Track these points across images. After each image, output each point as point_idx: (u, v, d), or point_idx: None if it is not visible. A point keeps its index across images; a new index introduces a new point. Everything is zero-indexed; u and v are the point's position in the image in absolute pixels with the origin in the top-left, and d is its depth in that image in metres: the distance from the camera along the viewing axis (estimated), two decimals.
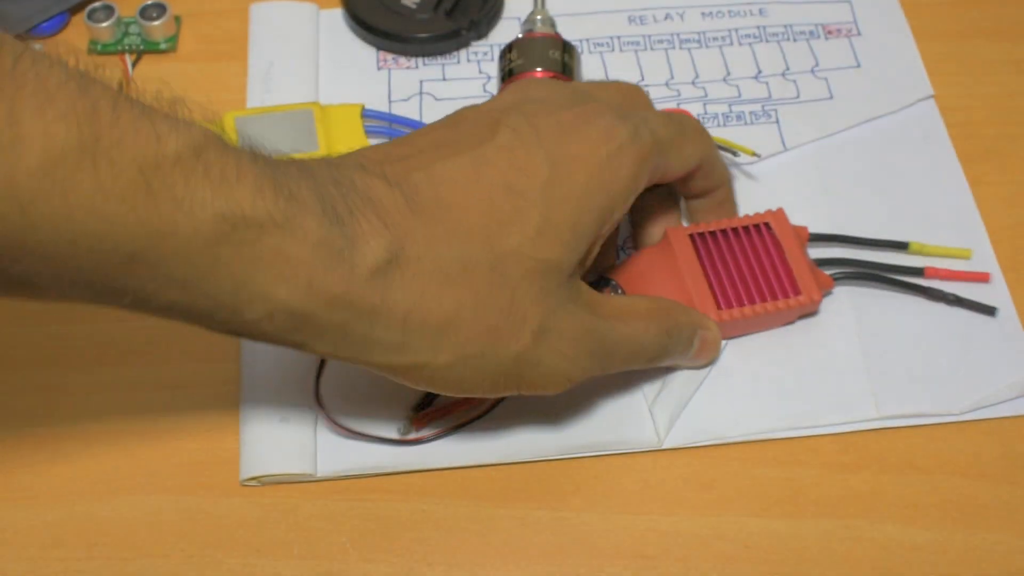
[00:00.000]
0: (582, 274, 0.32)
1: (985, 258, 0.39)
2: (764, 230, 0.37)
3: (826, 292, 0.37)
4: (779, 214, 0.37)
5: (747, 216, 0.37)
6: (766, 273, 0.36)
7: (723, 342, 0.36)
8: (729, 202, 0.38)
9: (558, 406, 0.35)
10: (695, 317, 0.35)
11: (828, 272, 0.37)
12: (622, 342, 0.32)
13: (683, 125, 0.35)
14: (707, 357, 0.36)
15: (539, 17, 0.43)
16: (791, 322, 0.37)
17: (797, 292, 0.36)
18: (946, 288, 0.37)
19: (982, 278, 0.38)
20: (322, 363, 0.35)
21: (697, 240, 0.36)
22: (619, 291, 0.36)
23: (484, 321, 0.29)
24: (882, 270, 0.38)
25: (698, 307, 0.35)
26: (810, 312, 0.36)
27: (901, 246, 0.38)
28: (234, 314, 0.26)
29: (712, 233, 0.36)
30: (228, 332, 0.27)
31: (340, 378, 0.36)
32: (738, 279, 0.36)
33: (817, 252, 0.38)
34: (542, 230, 0.30)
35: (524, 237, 0.29)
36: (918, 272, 0.37)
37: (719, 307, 0.35)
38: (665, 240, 0.36)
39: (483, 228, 0.29)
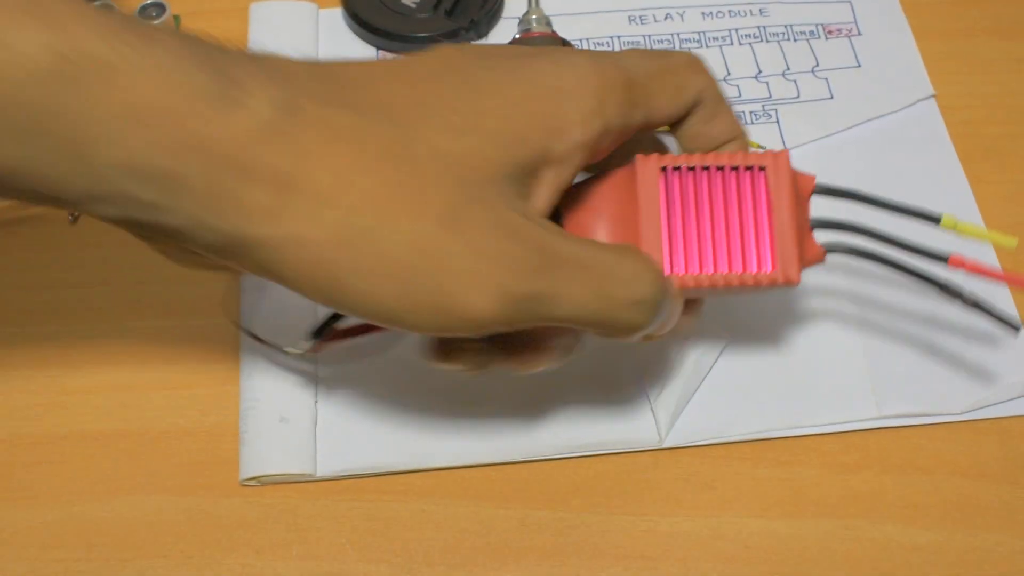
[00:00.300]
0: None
1: (985, 258, 0.39)
2: (756, 175, 0.30)
3: (813, 265, 0.31)
4: (781, 157, 0.30)
5: (742, 153, 0.30)
6: (740, 233, 0.30)
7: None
8: (727, 115, 0.32)
9: (558, 405, 0.35)
10: (670, 284, 0.29)
11: (827, 238, 0.31)
12: (576, 262, 0.27)
13: (669, 58, 0.30)
14: (664, 331, 0.30)
15: (534, 17, 0.43)
16: (764, 293, 0.31)
17: (770, 265, 0.29)
18: (968, 285, 0.32)
19: (1020, 282, 0.32)
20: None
21: (669, 175, 0.30)
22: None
23: (378, 190, 0.25)
24: (891, 246, 0.31)
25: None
26: (788, 286, 0.30)
27: (931, 218, 0.31)
28: (84, 170, 0.23)
29: (691, 168, 0.30)
30: (79, 200, 0.24)
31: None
32: (702, 234, 0.30)
33: (824, 210, 0.32)
34: (466, 130, 0.26)
35: (445, 127, 0.26)
36: (940, 258, 0.31)
37: (670, 267, 0.29)
38: (631, 167, 0.30)
39: (397, 107, 0.26)
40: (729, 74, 0.44)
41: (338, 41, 0.45)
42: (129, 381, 0.36)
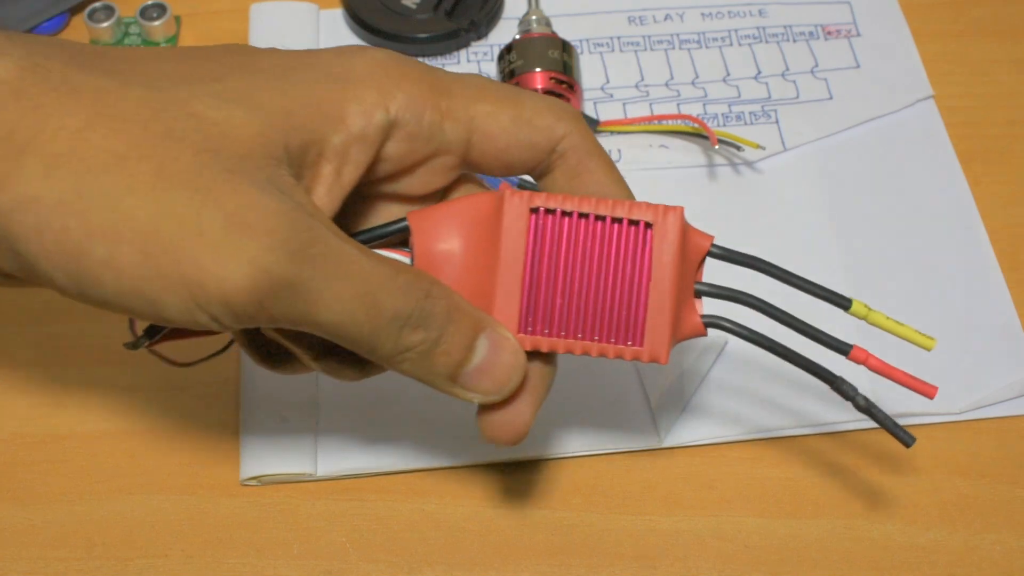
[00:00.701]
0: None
1: (985, 258, 0.39)
2: (641, 232, 0.26)
3: (689, 339, 0.27)
4: (673, 213, 0.26)
5: (629, 203, 0.26)
6: (611, 298, 0.26)
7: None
8: (600, 171, 0.28)
9: (558, 406, 0.35)
10: (481, 321, 0.26)
11: (715, 309, 0.27)
12: (345, 259, 0.24)
13: (524, 94, 0.28)
14: (488, 385, 0.26)
15: (534, 17, 0.43)
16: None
17: (638, 341, 0.26)
18: (868, 385, 0.28)
19: (926, 392, 0.27)
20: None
21: (540, 218, 0.26)
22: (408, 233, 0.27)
23: (121, 151, 0.23)
24: (786, 324, 0.27)
25: (496, 313, 0.26)
26: (655, 362, 0.27)
27: (841, 302, 0.27)
28: None
29: (566, 213, 0.26)
30: None
31: None
32: (567, 294, 0.26)
33: (721, 275, 0.28)
34: (232, 100, 0.24)
35: (209, 95, 0.24)
36: (842, 349, 0.27)
37: (521, 327, 0.26)
38: (497, 198, 0.26)
39: (158, 76, 0.24)
40: (729, 74, 0.44)
41: (338, 42, 0.45)
42: (129, 381, 0.36)
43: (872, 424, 0.35)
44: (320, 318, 0.24)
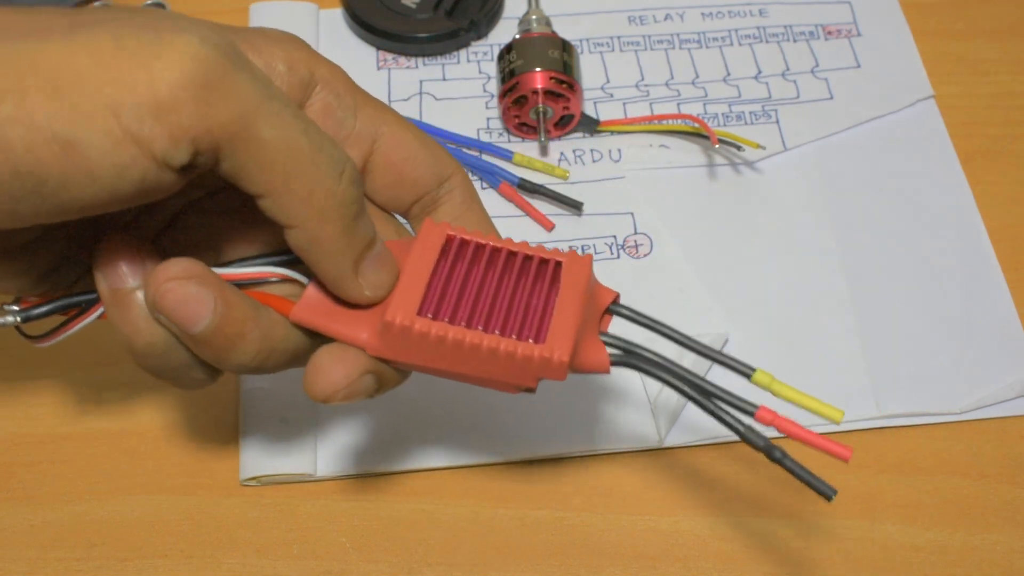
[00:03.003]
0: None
1: (985, 258, 0.39)
2: (552, 268, 0.27)
3: (593, 372, 0.26)
4: (583, 261, 0.26)
5: (542, 247, 0.27)
6: (513, 308, 0.26)
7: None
8: (483, 216, 0.29)
9: (558, 406, 0.35)
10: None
11: (620, 353, 0.26)
12: (285, 101, 0.23)
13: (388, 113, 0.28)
14: (383, 277, 0.26)
15: (534, 17, 0.43)
16: (523, 391, 0.26)
17: (538, 338, 0.25)
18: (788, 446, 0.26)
19: (841, 454, 0.25)
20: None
21: (454, 244, 0.26)
22: None
23: (27, 20, 0.22)
24: (690, 383, 0.26)
25: (394, 300, 0.25)
26: (553, 378, 0.25)
27: (743, 371, 0.26)
28: None
29: (480, 246, 0.26)
30: None
31: None
32: (471, 298, 0.26)
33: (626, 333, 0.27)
34: (137, 25, 0.22)
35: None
36: (747, 409, 0.26)
37: (421, 310, 0.25)
38: (419, 230, 0.27)
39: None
40: (729, 74, 0.44)
41: (338, 41, 0.45)
42: (129, 381, 0.36)
43: (873, 424, 0.36)
44: (262, 132, 0.22)
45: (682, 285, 0.38)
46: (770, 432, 0.26)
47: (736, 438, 0.35)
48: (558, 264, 0.26)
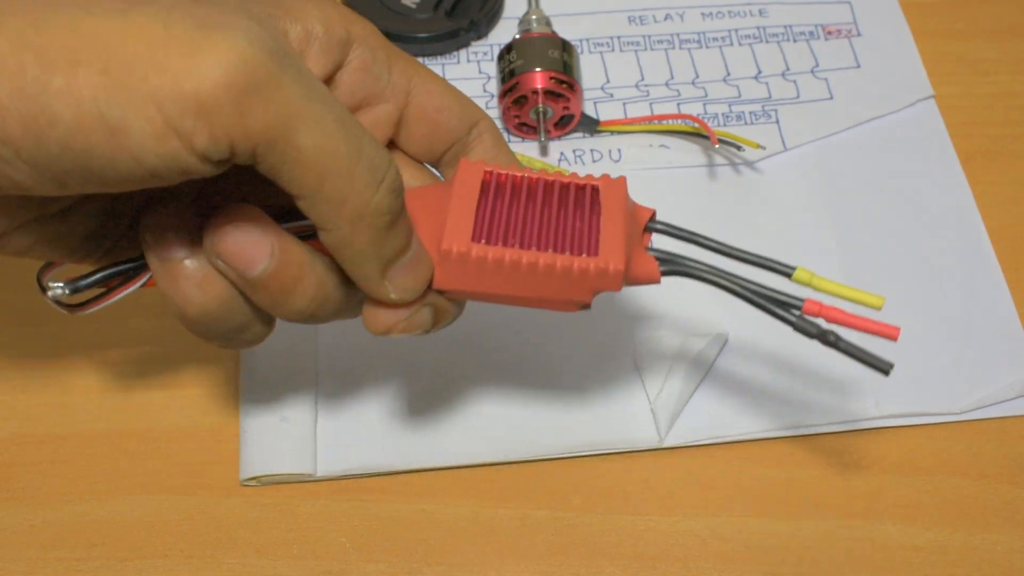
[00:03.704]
0: None
1: (985, 258, 0.39)
2: (590, 192, 0.28)
3: (645, 283, 0.27)
4: (618, 183, 0.28)
5: (575, 174, 0.28)
6: (561, 228, 0.27)
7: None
8: (513, 159, 0.30)
9: (558, 405, 0.35)
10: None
11: (667, 256, 0.28)
12: (327, 101, 0.23)
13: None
14: (412, 282, 0.26)
15: (534, 17, 0.43)
16: (580, 307, 0.27)
17: (591, 251, 0.26)
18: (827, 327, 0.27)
19: (889, 334, 0.27)
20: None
21: (493, 179, 0.27)
22: None
23: None
24: (741, 284, 0.27)
25: (447, 232, 0.26)
26: (610, 289, 0.26)
27: (782, 272, 0.27)
28: None
29: (518, 179, 0.27)
30: None
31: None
32: (519, 223, 0.27)
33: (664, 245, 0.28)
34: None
35: None
36: (795, 304, 0.27)
37: (474, 236, 0.26)
38: (456, 171, 0.28)
39: None
40: (729, 74, 0.44)
41: None
42: (129, 381, 0.36)
43: (873, 424, 0.36)
44: (300, 138, 0.22)
45: (681, 283, 0.38)
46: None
47: (736, 438, 0.35)
48: (595, 189, 0.27)
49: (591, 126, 0.42)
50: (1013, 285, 0.38)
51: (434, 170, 0.31)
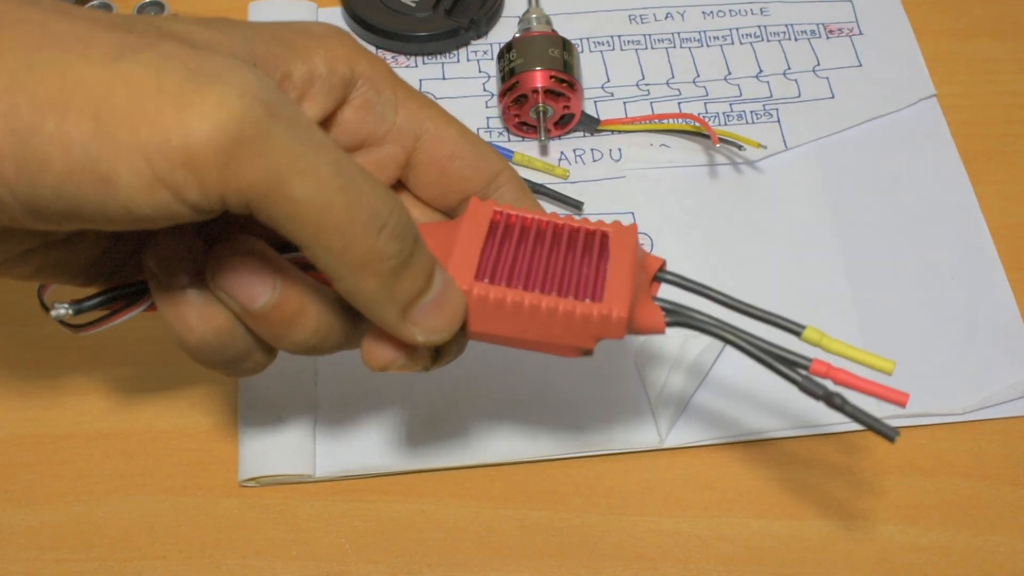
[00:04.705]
0: None
1: (988, 258, 0.39)
2: (598, 238, 0.27)
3: (649, 333, 0.27)
4: (629, 230, 0.27)
5: (585, 220, 0.27)
6: (568, 272, 0.26)
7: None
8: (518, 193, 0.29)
9: (558, 406, 0.35)
10: (434, 259, 0.25)
11: (673, 307, 0.27)
12: (325, 147, 0.22)
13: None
14: (438, 322, 0.25)
15: (534, 16, 0.43)
16: (582, 353, 0.27)
17: (595, 297, 0.25)
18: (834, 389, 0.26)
19: (898, 400, 0.26)
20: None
21: (503, 218, 0.27)
22: None
23: (69, 29, 0.22)
24: (747, 340, 0.26)
25: (451, 269, 0.26)
26: (612, 336, 0.26)
27: (792, 330, 0.26)
28: None
29: (528, 220, 0.27)
30: None
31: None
32: (525, 265, 0.26)
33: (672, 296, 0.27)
34: (198, 22, 0.24)
35: (162, 19, 0.24)
36: (802, 364, 0.26)
37: (478, 275, 0.26)
38: (465, 209, 0.27)
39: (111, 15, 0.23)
40: (730, 73, 0.44)
41: None
42: (128, 382, 0.36)
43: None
44: (294, 191, 0.21)
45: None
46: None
47: (737, 438, 0.35)
48: (605, 235, 0.27)
49: (591, 125, 0.42)
50: (1015, 285, 0.38)
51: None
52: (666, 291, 0.27)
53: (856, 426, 0.35)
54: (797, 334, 0.26)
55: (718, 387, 0.36)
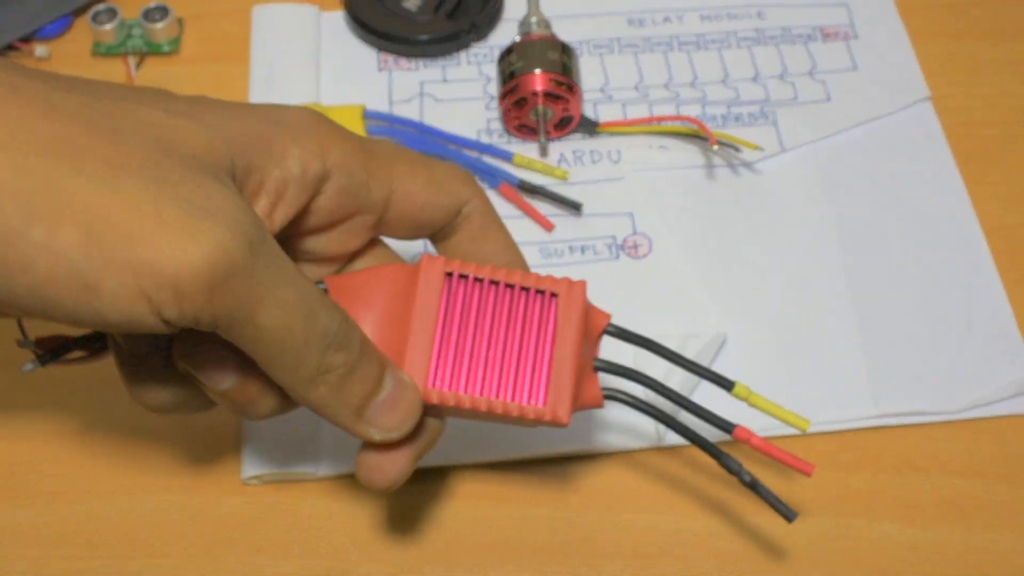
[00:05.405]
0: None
1: (982, 259, 0.39)
2: (547, 300, 0.28)
3: (589, 408, 0.29)
4: (577, 287, 0.28)
5: (536, 275, 0.28)
6: (517, 359, 0.28)
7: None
8: (500, 235, 0.30)
9: None
10: (385, 360, 0.27)
11: (613, 383, 0.29)
12: (290, 275, 0.24)
13: (434, 161, 0.30)
14: (391, 420, 0.27)
15: (534, 19, 0.44)
16: (531, 427, 0.28)
17: (541, 400, 0.27)
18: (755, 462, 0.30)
19: (804, 469, 0.29)
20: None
21: (454, 282, 0.28)
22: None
23: (66, 138, 0.22)
24: (675, 403, 0.29)
25: (406, 367, 0.27)
26: (558, 427, 0.28)
27: (723, 384, 0.29)
28: None
29: (479, 280, 0.28)
30: None
31: None
32: (476, 353, 0.28)
33: (614, 351, 0.30)
34: (182, 113, 0.25)
35: (158, 106, 0.25)
36: (726, 427, 0.29)
37: (430, 380, 0.27)
38: (415, 265, 0.28)
39: (106, 89, 0.24)
40: (728, 76, 0.45)
41: (340, 44, 0.46)
42: None
43: (871, 424, 0.36)
44: (260, 319, 0.23)
45: (681, 285, 0.39)
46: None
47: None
48: (552, 297, 0.28)
49: (590, 127, 0.43)
50: (1009, 285, 0.38)
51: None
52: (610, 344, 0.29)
53: (851, 425, 0.35)
54: (728, 389, 0.29)
55: (716, 387, 0.36)
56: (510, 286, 0.28)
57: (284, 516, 0.34)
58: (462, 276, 0.28)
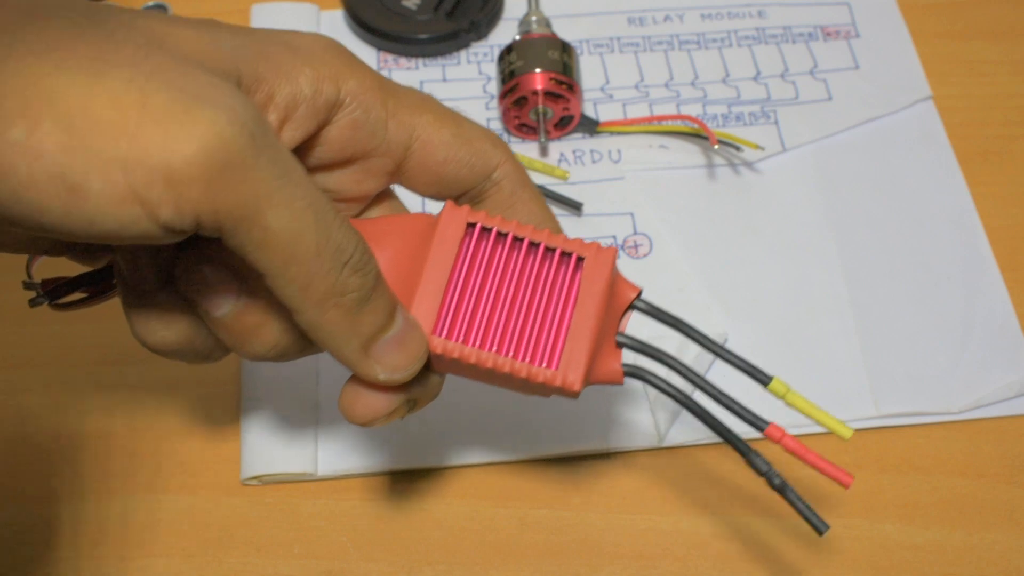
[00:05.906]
0: None
1: (983, 259, 0.39)
2: (572, 265, 0.26)
3: (606, 383, 0.27)
4: (606, 254, 0.26)
5: (564, 236, 0.26)
6: (531, 320, 0.26)
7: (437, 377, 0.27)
8: (533, 203, 0.29)
9: (558, 405, 0.36)
10: (396, 299, 0.25)
11: (636, 360, 0.27)
12: (302, 182, 0.22)
13: (466, 121, 0.28)
14: (399, 359, 0.25)
15: (534, 18, 0.44)
16: (541, 395, 0.27)
17: (552, 364, 0.25)
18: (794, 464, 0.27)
19: (843, 480, 0.26)
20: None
21: (475, 234, 0.26)
22: None
23: (42, 37, 0.21)
24: (704, 391, 0.26)
25: (413, 311, 0.26)
26: (567, 397, 0.26)
27: (760, 378, 0.26)
28: None
29: (502, 234, 0.26)
30: None
31: None
32: (487, 307, 0.26)
33: (646, 329, 0.29)
34: (189, 23, 0.24)
35: (164, 19, 0.23)
36: (758, 424, 0.26)
37: (436, 329, 0.25)
38: (439, 215, 0.26)
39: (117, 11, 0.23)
40: (728, 75, 0.45)
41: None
42: (130, 381, 0.36)
43: (872, 424, 0.36)
44: (268, 219, 0.21)
45: (681, 285, 0.39)
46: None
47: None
48: (578, 261, 0.26)
49: (591, 127, 0.43)
50: (1011, 285, 0.38)
51: None
52: (640, 320, 0.27)
53: (853, 425, 0.35)
54: (764, 384, 0.26)
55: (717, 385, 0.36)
56: (535, 245, 0.26)
57: (284, 516, 0.34)
58: (485, 229, 0.26)
